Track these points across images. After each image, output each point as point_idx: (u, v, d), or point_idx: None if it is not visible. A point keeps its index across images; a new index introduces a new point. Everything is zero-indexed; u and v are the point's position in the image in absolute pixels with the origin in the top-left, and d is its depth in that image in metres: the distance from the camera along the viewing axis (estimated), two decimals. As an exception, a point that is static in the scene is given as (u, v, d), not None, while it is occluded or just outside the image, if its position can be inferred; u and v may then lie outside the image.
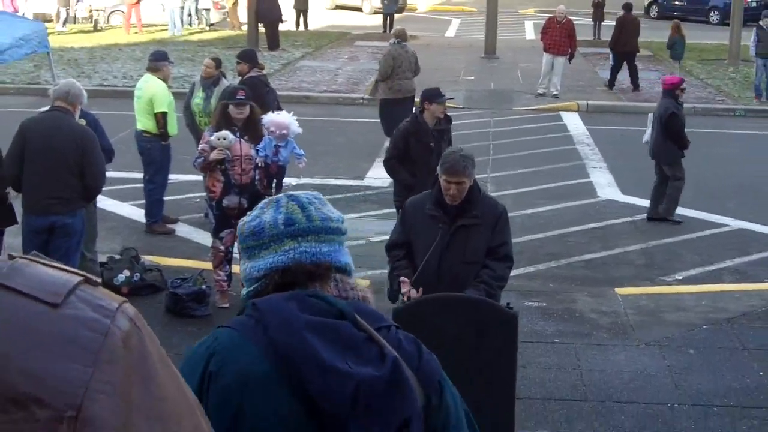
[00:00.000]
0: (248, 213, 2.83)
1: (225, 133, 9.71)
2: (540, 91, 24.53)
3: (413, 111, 11.10)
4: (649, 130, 14.10)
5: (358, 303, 2.64)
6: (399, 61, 17.37)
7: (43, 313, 1.20)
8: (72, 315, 1.21)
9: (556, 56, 24.33)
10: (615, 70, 25.96)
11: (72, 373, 1.17)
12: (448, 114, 10.90)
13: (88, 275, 1.30)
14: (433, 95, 10.49)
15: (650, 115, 14.32)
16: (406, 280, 6.94)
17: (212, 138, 9.69)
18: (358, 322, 2.52)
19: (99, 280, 1.30)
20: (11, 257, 1.27)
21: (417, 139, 10.25)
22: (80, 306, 1.23)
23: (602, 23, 36.56)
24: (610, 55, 26.23)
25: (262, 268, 2.67)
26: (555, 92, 24.29)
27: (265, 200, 2.82)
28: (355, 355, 2.47)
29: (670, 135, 13.48)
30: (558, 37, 24.24)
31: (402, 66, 17.37)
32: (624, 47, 25.68)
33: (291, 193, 2.79)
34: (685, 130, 13.74)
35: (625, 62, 25.78)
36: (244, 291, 2.74)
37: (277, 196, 2.80)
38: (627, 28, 25.87)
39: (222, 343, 2.53)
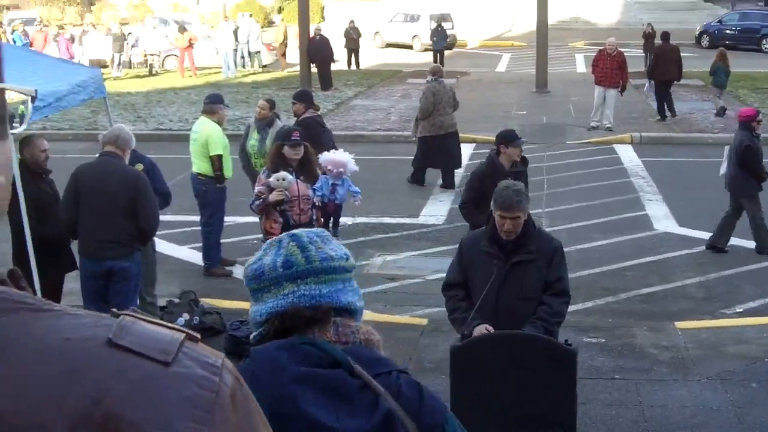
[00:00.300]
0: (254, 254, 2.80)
1: (284, 174, 9.76)
2: (593, 124, 24.45)
3: (489, 153, 10.84)
4: (725, 163, 13.95)
5: (358, 348, 2.58)
6: (439, 97, 17.66)
7: (157, 372, 1.21)
8: (184, 373, 1.22)
9: (608, 89, 24.26)
10: (661, 100, 25.85)
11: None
12: (525, 156, 10.70)
13: (190, 332, 1.31)
14: (510, 138, 10.28)
15: (726, 148, 14.20)
16: (487, 328, 6.88)
17: (271, 179, 9.75)
18: (354, 369, 2.48)
19: (198, 336, 1.32)
20: (116, 314, 1.28)
21: (493, 182, 9.81)
22: (189, 364, 1.24)
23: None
24: (646, 84, 25.89)
25: (264, 313, 2.64)
26: (608, 125, 24.21)
27: (269, 241, 2.80)
28: (346, 406, 2.44)
29: (746, 168, 13.34)
30: (609, 69, 24.18)
31: (442, 102, 17.65)
32: (663, 76, 25.57)
33: (294, 232, 2.76)
34: (765, 160, 13.63)
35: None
36: (251, 335, 2.73)
37: (280, 236, 2.78)
38: (665, 57, 25.75)
39: None
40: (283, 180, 9.73)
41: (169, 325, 1.30)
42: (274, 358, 2.50)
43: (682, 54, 26.69)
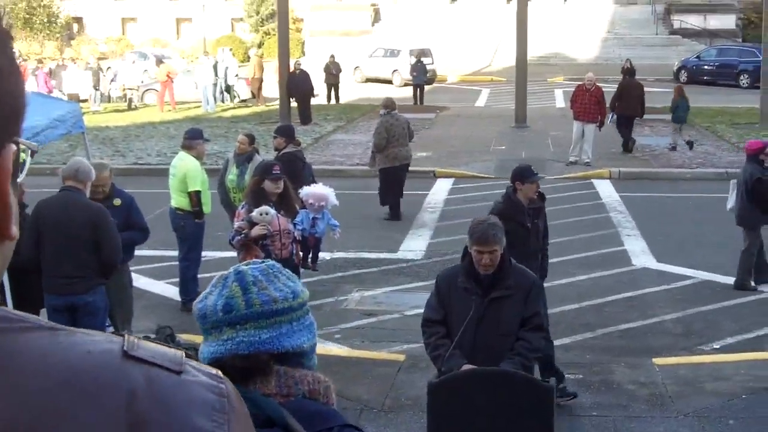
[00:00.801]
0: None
1: (266, 208, 9.73)
2: (572, 159, 24.55)
3: (505, 191, 10.22)
4: (732, 197, 13.96)
5: (299, 402, 2.48)
6: (392, 131, 18.00)
7: (174, 380, 1.30)
8: (196, 381, 1.32)
9: (586, 123, 24.40)
10: (624, 133, 26.20)
11: (216, 431, 1.29)
12: (542, 191, 10.29)
13: (184, 350, 1.39)
14: (526, 174, 9.82)
15: (732, 182, 14.23)
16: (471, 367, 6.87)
17: (254, 214, 9.70)
18: (290, 427, 2.37)
19: (191, 353, 1.41)
20: (118, 334, 1.36)
21: (513, 221, 9.30)
22: (197, 373, 1.33)
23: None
24: (610, 116, 26.06)
25: (206, 357, 2.55)
26: (587, 160, 24.32)
27: (217, 277, 2.68)
28: None
29: (756, 200, 13.34)
30: (587, 104, 24.34)
31: (396, 135, 17.98)
32: (625, 110, 25.82)
33: (240, 268, 2.64)
34: (718, 195, 13.66)
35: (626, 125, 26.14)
36: None
37: (228, 272, 2.65)
38: (629, 93, 26.00)
39: None
40: (266, 214, 9.69)
41: (165, 344, 1.39)
42: None
43: (661, 89, 26.91)
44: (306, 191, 10.29)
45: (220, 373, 1.38)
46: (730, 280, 13.76)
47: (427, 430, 6.87)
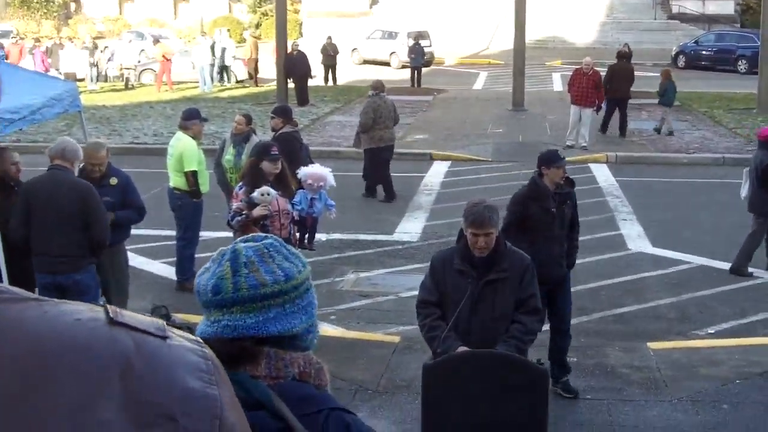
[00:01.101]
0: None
1: (267, 188, 9.71)
2: (569, 143, 24.53)
3: (532, 176, 9.73)
4: (745, 185, 13.92)
5: (288, 385, 2.45)
6: (379, 112, 18.22)
7: (161, 344, 1.33)
8: (180, 345, 1.35)
9: (584, 108, 24.39)
10: (607, 116, 26.22)
11: (209, 392, 1.32)
12: (571, 177, 9.94)
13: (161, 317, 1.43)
14: (551, 159, 9.46)
15: (745, 170, 14.17)
16: (466, 349, 6.88)
17: (255, 194, 9.65)
18: (277, 410, 2.36)
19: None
20: (98, 305, 1.38)
21: (539, 206, 9.27)
22: (180, 339, 1.37)
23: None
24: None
25: (198, 335, 2.45)
26: (584, 143, 24.31)
27: (219, 251, 2.63)
28: None
29: (767, 187, 13.29)
30: (585, 88, 24.33)
31: (382, 116, 18.20)
32: (615, 93, 25.82)
33: (236, 246, 2.58)
34: (715, 180, 13.63)
35: (617, 108, 26.12)
36: None
37: (228, 247, 2.60)
38: (618, 75, 26.02)
39: None
40: (267, 195, 9.68)
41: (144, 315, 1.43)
42: None
43: (658, 74, 26.88)
44: (305, 171, 10.28)
45: (200, 339, 1.41)
46: (726, 265, 13.78)
47: (421, 411, 6.88)
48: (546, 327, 8.81)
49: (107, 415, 1.23)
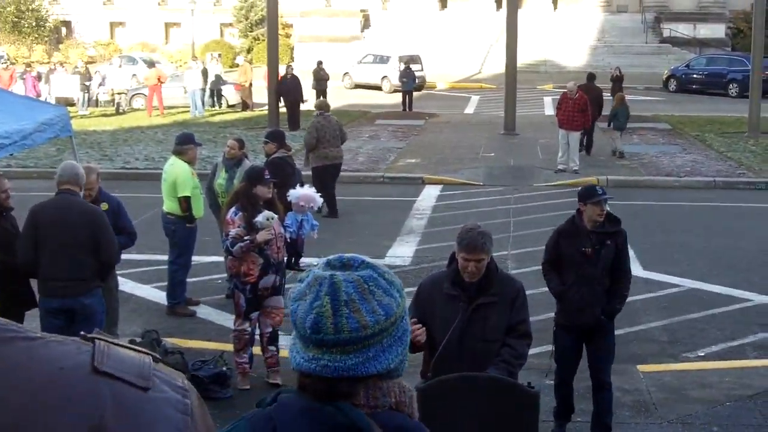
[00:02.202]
0: (299, 279, 2.55)
1: (270, 213, 9.71)
2: (560, 167, 24.59)
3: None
4: None
5: (386, 414, 2.42)
6: (323, 131, 18.87)
7: (140, 398, 1.32)
8: (162, 398, 1.34)
9: (570, 131, 24.50)
10: (581, 137, 26.34)
11: None
12: (615, 215, 9.24)
13: (152, 353, 1.43)
14: (588, 194, 8.82)
15: None
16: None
17: (259, 219, 9.60)
18: None
19: (158, 356, 1.44)
20: (85, 337, 1.39)
21: (570, 243, 8.88)
22: (164, 388, 1.36)
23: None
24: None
25: (292, 362, 2.48)
26: (575, 167, 24.37)
27: (314, 275, 2.50)
28: None
29: None
30: (571, 112, 24.43)
31: (326, 135, 18.85)
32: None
33: (335, 278, 2.45)
34: (706, 204, 13.68)
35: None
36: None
37: (323, 276, 2.46)
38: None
39: None
40: (271, 219, 9.67)
41: (133, 347, 1.43)
42: (296, 422, 2.41)
43: (650, 98, 27.03)
44: (294, 194, 10.34)
45: (186, 383, 1.40)
46: (717, 288, 13.82)
47: (411, 434, 6.86)
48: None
49: None
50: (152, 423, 1.30)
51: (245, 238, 9.66)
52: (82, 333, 1.42)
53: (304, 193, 10.44)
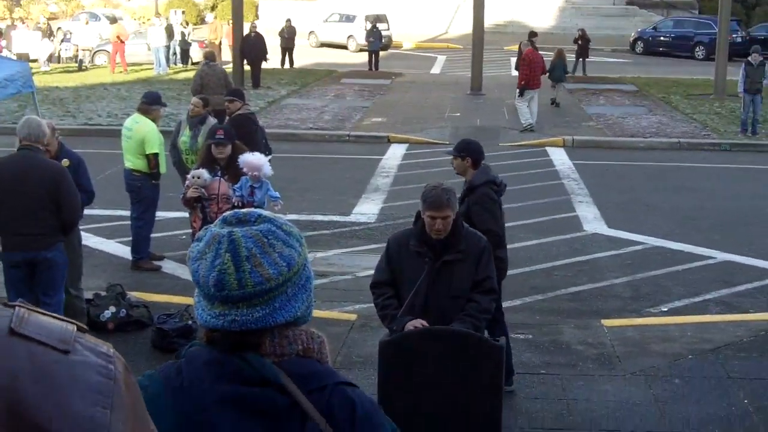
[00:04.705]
0: (196, 239, 2.56)
1: (200, 171, 9.91)
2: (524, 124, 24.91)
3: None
4: None
5: (293, 362, 2.45)
6: (206, 79, 20.00)
7: (59, 360, 1.28)
8: (82, 361, 1.31)
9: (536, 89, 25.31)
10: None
11: (97, 416, 1.28)
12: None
13: (78, 323, 1.38)
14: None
15: None
16: (422, 323, 6.86)
17: (188, 176, 9.87)
18: (284, 387, 2.39)
19: (86, 327, 1.39)
20: (7, 305, 1.35)
21: None
22: (86, 353, 1.32)
23: (587, 60, 36.93)
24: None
25: (199, 320, 2.52)
26: (527, 122, 24.88)
27: (211, 233, 2.51)
28: (272, 428, 2.38)
29: None
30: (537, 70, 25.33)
31: (210, 84, 19.80)
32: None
33: (234, 236, 2.45)
34: (671, 164, 13.76)
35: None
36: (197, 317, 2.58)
37: (221, 233, 2.47)
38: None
39: (149, 392, 2.36)
40: (198, 178, 9.89)
41: (59, 317, 1.38)
42: (201, 377, 2.43)
43: (617, 60, 27.13)
44: (241, 160, 10.15)
45: (111, 350, 1.37)
46: (680, 246, 13.93)
47: (377, 386, 6.89)
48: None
49: None
50: (70, 384, 1.27)
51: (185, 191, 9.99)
52: (3, 302, 1.37)
53: (248, 159, 10.20)
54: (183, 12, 44.67)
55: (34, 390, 1.24)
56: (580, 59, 36.78)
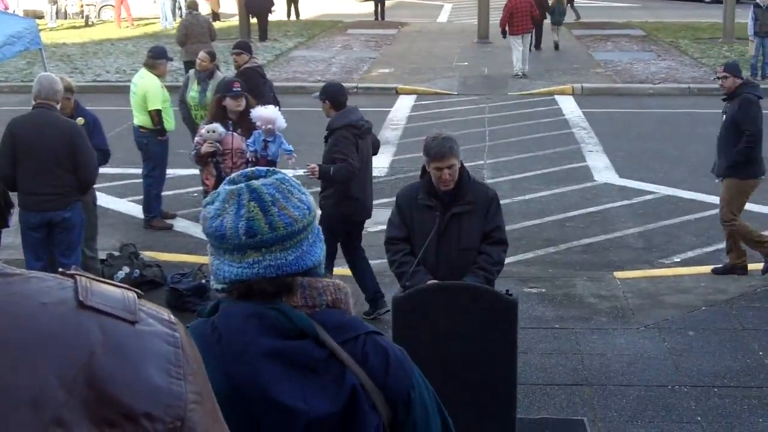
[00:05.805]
0: (206, 203, 2.59)
1: (215, 125, 9.73)
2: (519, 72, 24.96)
3: None
4: None
5: (325, 313, 2.49)
6: (191, 29, 20.25)
7: (129, 331, 1.29)
8: (149, 331, 1.31)
9: (524, 35, 25.52)
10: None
11: (174, 387, 1.29)
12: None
13: (134, 289, 1.39)
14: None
15: None
16: (434, 281, 6.90)
17: (202, 131, 9.74)
18: (320, 339, 2.42)
19: (140, 291, 1.40)
20: (64, 274, 1.34)
21: None
22: (152, 322, 1.33)
23: (574, 4, 36.52)
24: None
25: (228, 277, 2.51)
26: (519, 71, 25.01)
27: (226, 191, 2.54)
28: (314, 381, 2.41)
29: None
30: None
31: (194, 33, 20.10)
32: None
33: (253, 185, 2.51)
34: (681, 110, 13.66)
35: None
36: (213, 285, 2.61)
37: (238, 187, 2.52)
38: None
39: None
40: (213, 132, 9.71)
41: (116, 283, 1.38)
42: (242, 330, 2.44)
43: (623, 5, 26.86)
44: (254, 113, 10.07)
45: (172, 317, 1.38)
46: (692, 195, 13.89)
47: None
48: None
49: (65, 414, 1.20)
50: (143, 356, 1.28)
51: (197, 147, 9.82)
52: (60, 270, 1.37)
53: (261, 113, 10.10)
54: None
55: (110, 365, 1.24)
56: (568, 4, 36.42)
